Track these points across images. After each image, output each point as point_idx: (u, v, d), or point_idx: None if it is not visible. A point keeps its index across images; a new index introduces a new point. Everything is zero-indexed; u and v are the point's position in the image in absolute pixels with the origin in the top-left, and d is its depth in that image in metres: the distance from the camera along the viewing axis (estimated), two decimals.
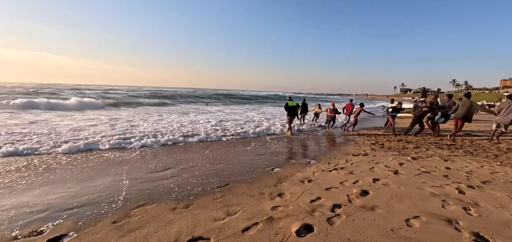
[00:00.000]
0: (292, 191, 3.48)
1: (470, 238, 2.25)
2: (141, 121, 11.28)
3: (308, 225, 2.49)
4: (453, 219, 2.62)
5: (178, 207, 3.02)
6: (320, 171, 4.50)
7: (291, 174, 4.34)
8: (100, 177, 4.21)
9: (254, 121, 12.99)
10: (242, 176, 4.28)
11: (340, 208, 2.89)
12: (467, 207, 2.91)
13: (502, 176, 4.17)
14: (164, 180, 4.09)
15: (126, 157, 5.56)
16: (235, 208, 2.95)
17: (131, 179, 4.11)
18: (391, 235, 2.30)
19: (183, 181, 4.05)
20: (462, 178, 4.03)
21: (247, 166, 4.95)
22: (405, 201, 3.09)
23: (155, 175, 4.39)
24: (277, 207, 2.93)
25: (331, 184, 3.73)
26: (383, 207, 2.91)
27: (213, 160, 5.43)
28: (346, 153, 6.20)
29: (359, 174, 4.25)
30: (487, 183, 3.82)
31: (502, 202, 3.09)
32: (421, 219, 2.61)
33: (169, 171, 4.56)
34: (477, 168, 4.66)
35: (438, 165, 4.83)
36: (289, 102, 9.41)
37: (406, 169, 4.60)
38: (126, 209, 3.00)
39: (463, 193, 3.38)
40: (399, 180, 3.91)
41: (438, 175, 4.19)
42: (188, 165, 4.97)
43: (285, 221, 2.59)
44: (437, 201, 3.08)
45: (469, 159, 5.39)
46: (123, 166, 4.86)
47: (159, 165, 4.98)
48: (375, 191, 3.44)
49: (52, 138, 6.92)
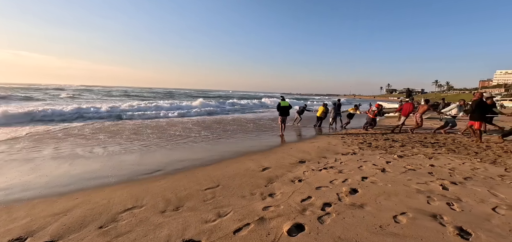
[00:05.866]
0: (283, 190, 3.49)
1: (454, 232, 2.34)
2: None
3: (299, 225, 2.51)
4: (437, 214, 2.71)
5: (168, 210, 2.97)
6: (310, 170, 4.55)
7: (281, 174, 4.36)
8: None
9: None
10: (233, 176, 4.26)
11: (330, 206, 2.93)
12: (451, 202, 3.03)
13: (482, 172, 4.36)
14: (155, 182, 4.01)
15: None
16: (226, 209, 2.92)
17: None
18: (380, 231, 2.36)
19: (173, 182, 3.99)
20: (446, 175, 4.19)
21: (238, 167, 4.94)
22: (392, 198, 3.17)
23: (145, 176, 4.30)
24: (268, 207, 2.93)
25: (321, 183, 3.77)
26: (372, 205, 2.97)
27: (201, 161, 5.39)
28: (335, 152, 6.30)
29: (348, 173, 4.33)
30: (468, 179, 3.99)
31: (483, 196, 3.24)
32: (408, 215, 2.69)
33: (159, 172, 4.47)
34: (459, 164, 4.86)
35: (423, 163, 4.99)
36: (282, 102, 9.38)
37: (393, 167, 4.73)
38: (113, 213, 2.91)
39: (447, 189, 3.51)
40: (386, 178, 4.02)
41: (423, 172, 4.34)
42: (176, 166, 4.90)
43: (276, 221, 2.59)
44: (422, 197, 3.18)
45: (451, 156, 5.62)
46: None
47: (146, 161, 4.88)
48: (364, 189, 3.51)
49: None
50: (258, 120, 14.45)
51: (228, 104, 25.00)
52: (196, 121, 13.44)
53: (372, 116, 10.60)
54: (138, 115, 13.81)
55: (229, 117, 16.06)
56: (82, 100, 25.34)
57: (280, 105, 9.29)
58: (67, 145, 6.85)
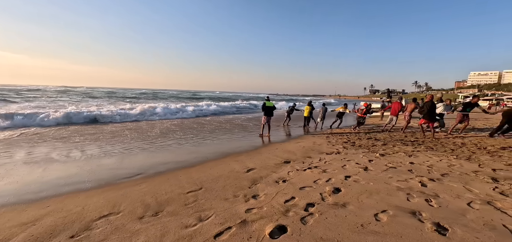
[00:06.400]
0: (266, 192, 3.45)
1: (431, 228, 2.39)
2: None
3: (282, 226, 2.48)
4: (416, 211, 2.77)
5: (146, 215, 2.84)
6: (295, 171, 4.55)
7: (266, 175, 4.32)
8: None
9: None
10: (217, 178, 4.18)
11: (314, 206, 2.93)
12: (429, 199, 3.11)
13: (458, 168, 4.54)
14: (134, 186, 3.85)
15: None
16: (207, 212, 2.84)
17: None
18: (361, 230, 2.37)
19: (154, 186, 3.85)
20: (424, 172, 4.32)
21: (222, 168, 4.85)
22: (374, 196, 3.22)
23: (124, 180, 4.12)
24: (251, 209, 2.88)
25: (305, 183, 3.77)
26: (354, 203, 2.99)
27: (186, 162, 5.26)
28: (320, 151, 6.36)
29: (332, 172, 4.37)
30: (445, 175, 4.13)
31: (459, 192, 3.35)
32: (388, 213, 2.73)
33: (140, 176, 4.31)
34: (437, 161, 5.03)
35: (403, 160, 5.13)
36: (267, 102, 9.47)
37: (375, 165, 4.82)
38: (87, 221, 2.75)
39: (425, 185, 3.61)
40: (369, 176, 4.08)
41: (403, 170, 4.45)
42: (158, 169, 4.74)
43: (258, 223, 2.55)
44: (402, 195, 3.25)
45: (430, 153, 5.82)
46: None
47: (126, 165, 4.69)
48: (347, 188, 3.54)
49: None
50: (245, 120, 14.41)
51: (215, 105, 24.73)
52: (181, 122, 13.19)
53: (361, 115, 10.90)
54: (120, 118, 13.31)
55: (217, 118, 15.89)
56: (63, 101, 24.16)
57: (264, 106, 9.38)
58: (42, 149, 6.47)
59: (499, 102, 37.93)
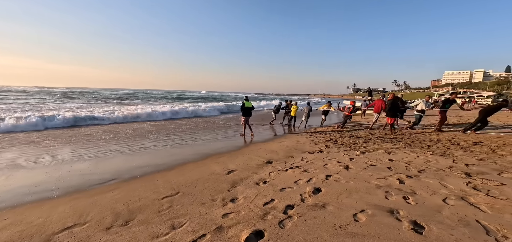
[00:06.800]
0: (246, 195, 3.34)
1: (408, 227, 2.39)
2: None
3: (259, 231, 2.38)
4: (394, 209, 2.77)
5: (115, 225, 2.64)
6: (276, 171, 4.48)
7: (247, 176, 4.22)
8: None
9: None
10: (196, 182, 4.02)
11: (293, 208, 2.85)
12: (407, 196, 3.14)
13: (433, 164, 4.66)
14: (106, 193, 3.61)
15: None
16: (182, 219, 2.68)
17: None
18: (340, 232, 2.32)
19: (128, 192, 3.63)
20: (402, 169, 4.39)
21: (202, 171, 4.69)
22: (354, 195, 3.20)
23: (96, 186, 3.86)
24: (228, 214, 2.76)
25: (286, 184, 3.70)
26: (334, 204, 2.95)
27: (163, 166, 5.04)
28: (303, 150, 6.34)
29: (313, 171, 4.33)
30: (422, 171, 4.22)
31: (434, 188, 3.42)
32: (367, 213, 2.71)
33: (114, 181, 4.06)
34: (414, 158, 5.16)
35: (382, 158, 5.21)
36: (245, 103, 9.37)
37: (356, 163, 4.86)
38: (47, 234, 2.51)
39: (403, 182, 3.66)
40: (349, 175, 4.09)
41: (383, 167, 4.51)
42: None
43: (235, 229, 2.43)
44: (381, 193, 3.26)
45: (408, 150, 5.96)
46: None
47: (100, 169, 4.41)
48: (327, 187, 3.51)
49: None
50: (227, 120, 14.23)
51: (202, 106, 24.30)
52: (163, 124, 12.82)
53: (348, 114, 11.10)
54: (98, 120, 12.66)
55: (200, 119, 15.60)
56: (37, 103, 22.72)
57: (243, 106, 9.28)
58: (7, 155, 5.98)
59: (471, 100, 40.21)
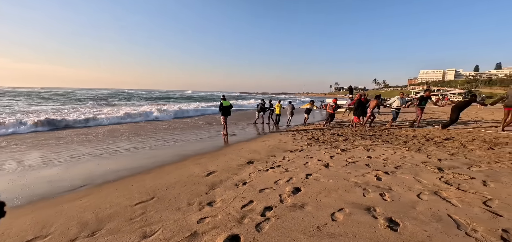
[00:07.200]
0: (224, 197, 3.24)
1: (384, 225, 2.41)
2: None
3: (234, 236, 2.29)
4: (371, 207, 2.79)
5: (81, 236, 2.45)
6: (257, 171, 4.41)
7: (226, 178, 4.11)
8: None
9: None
10: (173, 185, 3.86)
11: (271, 210, 2.80)
12: (383, 193, 3.18)
13: (409, 160, 4.81)
14: (75, 201, 3.36)
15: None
16: (154, 227, 2.54)
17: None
18: (317, 233, 2.29)
19: (99, 199, 3.40)
20: (380, 165, 4.49)
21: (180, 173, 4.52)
22: (332, 194, 3.20)
23: (64, 194, 3.60)
24: (204, 219, 2.65)
25: (265, 185, 3.64)
26: (312, 203, 2.93)
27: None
28: (285, 149, 6.33)
29: (294, 171, 4.31)
30: (398, 167, 4.32)
31: (410, 184, 3.50)
32: (345, 211, 2.71)
33: (85, 188, 3.80)
34: (391, 154, 5.29)
35: (361, 155, 5.31)
36: (224, 102, 9.27)
37: (336, 161, 4.90)
38: None
39: (380, 179, 3.72)
40: (329, 173, 4.10)
41: (361, 164, 4.58)
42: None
43: (210, 234, 2.33)
44: (359, 191, 3.28)
45: (386, 147, 6.13)
46: None
47: (70, 175, 4.13)
48: (307, 187, 3.49)
49: None
50: (212, 120, 14.01)
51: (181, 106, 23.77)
52: (142, 125, 12.39)
53: (331, 112, 11.26)
54: (73, 122, 11.93)
55: (182, 120, 15.25)
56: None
57: (222, 106, 9.16)
58: None
59: (444, 97, 42.56)
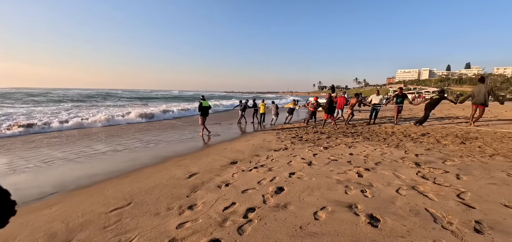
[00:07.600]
0: (205, 200, 3.14)
1: (365, 221, 2.43)
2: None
3: (215, 240, 2.21)
4: (353, 204, 2.82)
5: None
6: (240, 172, 4.34)
7: (209, 179, 4.00)
8: None
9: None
10: (152, 189, 3.69)
11: (254, 211, 2.74)
12: (364, 189, 3.23)
13: (388, 156, 4.95)
14: (43, 210, 3.11)
15: None
16: (130, 235, 2.39)
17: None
18: (299, 233, 2.26)
19: (70, 207, 3.17)
20: (361, 162, 4.57)
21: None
22: (315, 192, 3.20)
23: (32, 202, 3.32)
24: (184, 224, 2.54)
25: (248, 185, 3.58)
26: (295, 203, 2.91)
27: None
28: (269, 148, 6.31)
29: (277, 170, 4.29)
30: (378, 163, 4.43)
31: (389, 179, 3.58)
32: (327, 209, 2.71)
33: (55, 195, 3.53)
34: (372, 151, 5.43)
35: (343, 152, 5.40)
36: (203, 102, 9.16)
37: (319, 158, 4.94)
38: None
39: (361, 176, 3.79)
40: (312, 171, 4.12)
41: (343, 162, 4.64)
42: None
43: (189, 240, 2.23)
44: (341, 188, 3.31)
45: (366, 143, 6.28)
46: None
47: (40, 182, 3.83)
48: (290, 186, 3.47)
49: None
50: (193, 120, 13.73)
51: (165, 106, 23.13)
52: (122, 127, 11.90)
53: (312, 110, 11.36)
54: (45, 125, 11.17)
55: (165, 122, 14.82)
56: None
57: (201, 106, 9.06)
58: None
59: (419, 95, 44.78)
